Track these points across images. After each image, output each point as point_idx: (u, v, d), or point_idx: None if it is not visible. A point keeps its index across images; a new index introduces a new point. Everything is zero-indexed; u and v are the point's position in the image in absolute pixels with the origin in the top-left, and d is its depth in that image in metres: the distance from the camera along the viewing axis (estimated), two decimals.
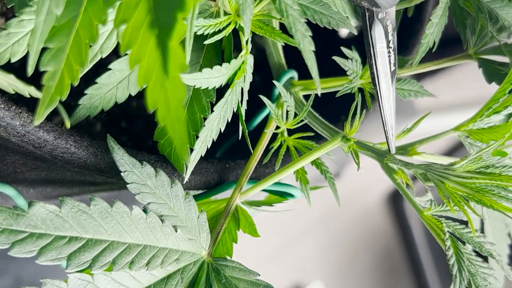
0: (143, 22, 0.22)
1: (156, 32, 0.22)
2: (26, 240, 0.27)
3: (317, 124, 0.38)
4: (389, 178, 0.36)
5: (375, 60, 0.34)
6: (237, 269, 0.33)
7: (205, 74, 0.30)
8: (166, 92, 0.22)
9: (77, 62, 0.25)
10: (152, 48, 0.22)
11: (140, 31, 0.22)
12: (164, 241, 0.31)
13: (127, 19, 0.22)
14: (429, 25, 0.35)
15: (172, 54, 0.22)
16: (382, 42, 0.33)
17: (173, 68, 0.22)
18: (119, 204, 0.30)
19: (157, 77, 0.22)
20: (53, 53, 0.25)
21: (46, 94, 0.25)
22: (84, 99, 0.32)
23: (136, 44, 0.22)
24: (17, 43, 0.28)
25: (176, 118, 0.22)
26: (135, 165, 0.31)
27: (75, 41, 0.25)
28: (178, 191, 0.32)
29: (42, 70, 0.25)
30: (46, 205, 0.27)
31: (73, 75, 0.25)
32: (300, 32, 0.28)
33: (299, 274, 0.95)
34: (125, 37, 0.22)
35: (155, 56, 0.22)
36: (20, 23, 0.28)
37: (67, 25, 0.24)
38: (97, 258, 0.29)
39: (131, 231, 0.30)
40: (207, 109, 0.33)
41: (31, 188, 0.44)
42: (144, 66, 0.22)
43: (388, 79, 0.34)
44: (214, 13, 0.33)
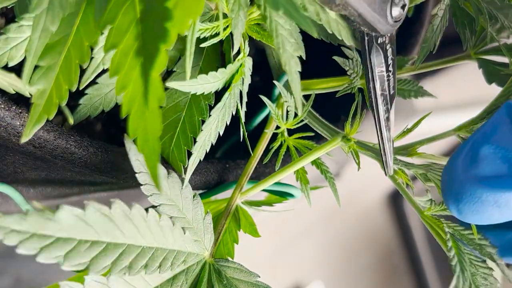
0: (131, 48, 0.22)
1: (141, 60, 0.22)
2: (53, 245, 0.26)
3: (317, 124, 0.38)
4: (389, 178, 0.36)
5: (373, 84, 0.33)
6: (238, 270, 0.33)
7: (200, 80, 0.30)
8: (146, 122, 0.22)
9: (66, 82, 0.25)
10: (137, 76, 0.22)
11: (128, 57, 0.22)
12: (173, 243, 0.31)
13: (116, 44, 0.22)
14: (430, 28, 0.35)
15: (152, 85, 0.22)
16: (382, 66, 0.33)
17: (152, 99, 0.22)
18: (138, 207, 0.29)
19: (139, 106, 0.22)
20: (43, 71, 0.25)
21: (34, 113, 0.25)
22: (84, 99, 0.32)
23: (124, 70, 0.22)
24: (15, 48, 0.28)
25: (153, 149, 0.22)
26: None
27: (65, 60, 0.25)
28: (187, 192, 0.32)
29: (32, 87, 0.25)
30: (72, 209, 0.27)
31: (61, 95, 0.25)
32: (288, 53, 0.28)
33: (299, 274, 0.95)
34: (114, 62, 0.22)
35: (139, 85, 0.22)
36: (19, 29, 0.28)
37: (58, 44, 0.24)
38: (116, 262, 0.28)
39: (145, 234, 0.29)
40: (206, 112, 0.33)
41: (31, 188, 0.44)
42: (128, 94, 0.22)
43: (387, 102, 0.34)
44: (214, 16, 0.33)
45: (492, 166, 0.28)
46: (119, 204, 0.29)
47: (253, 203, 0.38)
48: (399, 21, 0.32)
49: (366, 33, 0.32)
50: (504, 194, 0.28)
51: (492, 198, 0.28)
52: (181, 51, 0.34)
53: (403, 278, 1.09)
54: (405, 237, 1.06)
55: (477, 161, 0.28)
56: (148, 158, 0.23)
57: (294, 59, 0.28)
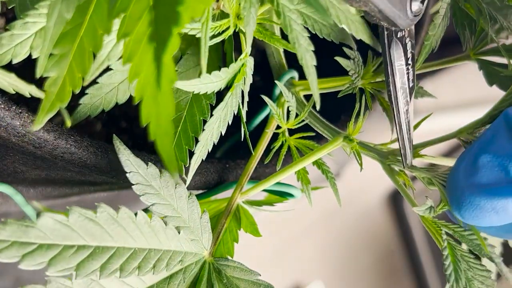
0: (143, 35, 0.22)
1: (154, 46, 0.22)
2: (35, 252, 0.26)
3: (318, 124, 0.38)
4: (390, 179, 0.36)
5: (393, 78, 0.34)
6: (238, 269, 0.33)
7: (203, 80, 0.30)
8: (158, 106, 0.22)
9: (79, 69, 0.25)
10: (149, 62, 0.22)
11: (140, 44, 0.22)
12: (168, 243, 0.31)
13: (129, 32, 0.22)
14: (432, 26, 0.35)
15: (165, 68, 0.22)
16: (401, 60, 0.34)
17: (165, 82, 0.22)
18: (124, 209, 0.29)
19: (151, 92, 0.22)
20: (57, 59, 0.25)
21: (47, 100, 0.25)
22: (85, 99, 0.32)
23: (137, 57, 0.22)
24: (19, 45, 0.28)
25: (165, 133, 0.22)
26: (140, 166, 0.31)
27: (79, 48, 0.25)
28: (182, 192, 0.32)
29: (45, 75, 0.25)
30: (54, 215, 0.27)
31: (75, 82, 0.25)
32: (303, 47, 0.28)
33: (299, 274, 0.95)
34: (127, 50, 0.22)
35: (152, 70, 0.22)
36: (24, 25, 0.28)
37: (71, 32, 0.24)
38: (104, 266, 0.28)
39: (136, 236, 0.30)
40: (207, 112, 0.33)
41: (31, 188, 0.44)
42: (141, 80, 0.22)
43: (407, 95, 0.35)
44: (216, 15, 0.33)
45: (490, 175, 0.29)
46: (104, 208, 0.29)
47: (254, 203, 0.38)
48: (418, 15, 0.32)
49: (386, 27, 0.33)
50: (500, 201, 0.29)
51: (490, 205, 0.29)
52: (183, 50, 0.34)
53: (403, 278, 1.09)
54: (405, 237, 1.06)
55: (476, 170, 0.30)
56: (162, 143, 0.22)
57: (309, 53, 0.28)
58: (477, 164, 0.30)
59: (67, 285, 0.28)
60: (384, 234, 1.06)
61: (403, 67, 0.34)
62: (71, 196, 0.49)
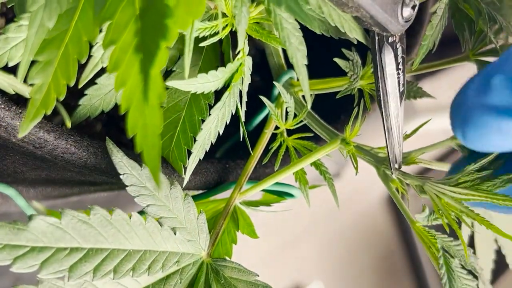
0: (129, 45, 0.22)
1: (140, 57, 0.22)
2: (27, 254, 0.26)
3: (316, 126, 0.38)
4: (384, 185, 0.36)
5: (384, 83, 0.34)
6: (236, 270, 0.32)
7: (200, 79, 0.30)
8: (145, 119, 0.22)
9: (64, 76, 0.25)
10: (136, 73, 0.22)
11: (126, 54, 0.22)
12: (164, 244, 0.31)
13: (115, 40, 0.22)
14: (429, 26, 0.35)
15: (152, 82, 0.22)
16: (392, 65, 0.34)
17: (152, 96, 0.22)
18: (118, 211, 0.29)
19: (138, 103, 0.22)
20: (41, 66, 0.25)
21: (32, 107, 0.25)
22: (84, 100, 0.32)
23: (123, 66, 0.22)
24: (15, 48, 0.28)
25: (152, 145, 0.22)
26: (134, 168, 0.31)
27: (63, 55, 0.24)
28: (177, 192, 0.32)
29: (30, 83, 0.25)
30: (46, 218, 0.27)
31: (59, 90, 0.25)
32: (293, 46, 0.28)
33: (299, 274, 0.95)
34: (113, 58, 0.22)
35: (138, 81, 0.22)
36: (18, 28, 0.28)
37: (56, 39, 0.24)
38: (98, 268, 0.28)
39: (131, 237, 0.30)
40: (206, 111, 0.33)
41: (31, 188, 0.44)
42: (127, 90, 0.22)
43: (397, 99, 0.35)
44: (213, 15, 0.33)
45: (501, 95, 0.29)
46: (98, 210, 0.29)
47: (251, 203, 0.38)
48: (409, 21, 0.32)
49: (377, 33, 0.33)
50: (508, 123, 0.29)
51: (497, 125, 0.29)
52: (181, 51, 0.34)
53: (403, 278, 1.09)
54: (405, 237, 1.06)
55: (487, 90, 0.30)
56: (148, 155, 0.22)
57: (300, 53, 0.28)
58: (489, 84, 0.30)
59: (59, 286, 0.28)
60: (384, 234, 1.06)
61: (394, 72, 0.34)
62: (71, 196, 0.49)
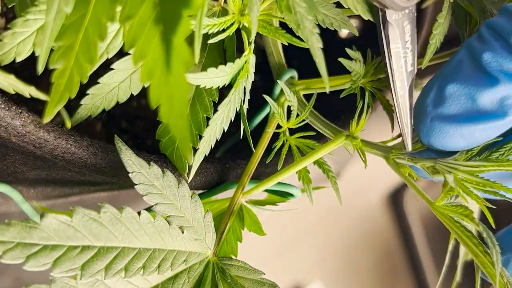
0: (148, 18, 0.22)
1: (161, 29, 0.22)
2: (40, 253, 0.26)
3: (319, 123, 0.38)
4: (396, 173, 0.36)
5: (389, 60, 0.34)
6: (242, 268, 0.32)
7: (210, 74, 0.30)
8: (170, 88, 0.22)
9: (86, 59, 0.25)
10: (156, 44, 0.22)
11: (145, 27, 0.22)
12: (172, 243, 0.31)
13: (132, 15, 0.22)
14: (436, 25, 0.35)
15: (176, 50, 0.21)
16: (397, 43, 0.33)
17: (177, 64, 0.22)
18: (128, 209, 0.29)
19: (161, 74, 0.22)
20: (62, 51, 0.25)
21: (56, 92, 0.25)
22: (86, 99, 0.32)
23: (141, 40, 0.22)
24: (22, 43, 0.28)
25: (179, 114, 0.22)
26: (143, 166, 0.31)
27: (84, 38, 0.24)
28: (185, 191, 0.32)
29: (51, 68, 0.25)
30: (58, 216, 0.27)
31: (82, 72, 0.25)
32: (307, 29, 0.28)
33: (299, 274, 0.95)
34: (130, 33, 0.22)
35: (160, 52, 0.22)
36: (25, 23, 0.28)
37: (76, 23, 0.24)
38: (109, 266, 0.28)
39: (140, 236, 0.29)
40: (210, 109, 0.33)
41: (32, 188, 0.44)
42: (148, 62, 0.22)
43: (404, 79, 0.35)
44: (217, 12, 0.33)
45: (457, 103, 0.31)
46: (108, 208, 0.29)
47: (257, 202, 0.38)
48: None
49: (380, 8, 0.33)
50: (468, 128, 0.31)
51: (458, 133, 0.31)
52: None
53: (403, 278, 1.09)
54: (405, 237, 1.06)
55: (444, 99, 0.32)
56: (175, 125, 0.22)
57: (315, 36, 0.28)
58: (444, 93, 0.32)
59: (71, 285, 0.28)
60: (384, 234, 1.06)
61: (399, 50, 0.34)
62: (71, 196, 0.49)
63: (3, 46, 0.28)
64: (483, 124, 0.31)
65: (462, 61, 0.32)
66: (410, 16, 0.34)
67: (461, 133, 0.31)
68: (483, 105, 0.31)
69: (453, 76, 0.32)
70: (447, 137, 0.32)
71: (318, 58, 0.27)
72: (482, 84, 0.31)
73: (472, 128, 0.31)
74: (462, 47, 0.32)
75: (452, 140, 0.32)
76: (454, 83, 0.31)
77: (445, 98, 0.31)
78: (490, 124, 0.31)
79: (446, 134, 0.32)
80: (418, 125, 0.33)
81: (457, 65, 0.32)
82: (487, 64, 0.31)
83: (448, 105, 0.31)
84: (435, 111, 0.32)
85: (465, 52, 0.32)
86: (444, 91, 0.32)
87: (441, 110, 0.32)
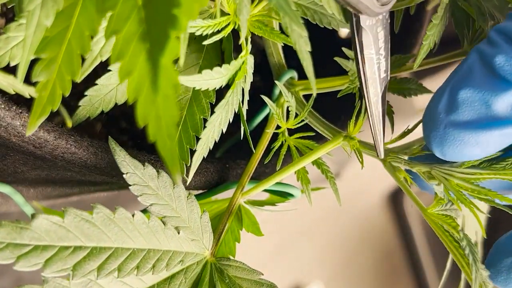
0: (134, 35, 0.22)
1: (147, 47, 0.21)
2: (31, 253, 0.26)
3: (318, 124, 0.38)
4: (392, 176, 0.36)
5: (362, 66, 0.33)
6: (240, 269, 0.32)
7: (204, 76, 0.30)
8: (157, 109, 0.21)
9: (68, 72, 0.25)
10: (142, 62, 0.22)
11: (131, 43, 0.22)
12: (167, 243, 0.31)
13: (118, 31, 0.22)
14: (430, 26, 0.35)
15: (164, 72, 0.21)
16: (370, 49, 0.33)
17: (165, 86, 0.21)
18: (121, 210, 0.29)
19: (147, 93, 0.21)
20: (45, 64, 0.25)
21: (38, 105, 0.25)
22: (84, 101, 0.32)
23: (127, 56, 0.22)
24: (16, 47, 0.28)
25: (168, 135, 0.21)
26: (137, 167, 0.31)
27: (67, 51, 0.24)
28: (180, 192, 0.32)
29: (34, 80, 0.25)
30: (49, 216, 0.27)
31: (64, 85, 0.25)
32: (296, 32, 0.28)
33: (299, 274, 0.95)
34: (116, 48, 0.22)
35: (146, 70, 0.21)
36: (19, 27, 0.28)
37: (59, 36, 0.24)
38: (102, 266, 0.28)
39: (134, 236, 0.29)
40: (207, 110, 0.33)
41: (32, 188, 0.44)
42: (134, 79, 0.22)
43: (377, 85, 0.34)
44: (213, 13, 0.33)
45: (471, 110, 0.30)
46: (100, 208, 0.29)
47: (256, 203, 0.38)
48: (386, 5, 0.31)
49: (354, 14, 0.32)
50: (484, 135, 0.30)
51: (474, 140, 0.30)
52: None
53: (403, 278, 1.09)
54: (405, 237, 1.06)
55: (457, 105, 0.30)
56: (163, 146, 0.21)
57: (303, 39, 0.28)
58: (457, 99, 0.30)
59: (64, 285, 0.28)
60: (384, 234, 1.06)
61: (373, 56, 0.33)
62: (71, 196, 0.49)
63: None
64: (499, 130, 0.30)
65: (473, 66, 0.31)
66: (383, 22, 0.33)
67: (476, 140, 0.30)
68: (499, 111, 0.30)
69: (465, 82, 0.31)
70: (462, 144, 0.30)
71: (306, 61, 0.27)
72: (496, 88, 0.30)
73: (488, 134, 0.30)
74: (472, 52, 0.31)
75: (467, 148, 0.31)
76: (466, 88, 0.30)
77: (458, 104, 0.30)
78: (507, 130, 0.30)
79: (461, 141, 0.30)
80: (429, 133, 0.32)
81: (468, 70, 0.31)
82: (500, 67, 0.30)
83: (461, 111, 0.30)
84: (448, 118, 0.31)
85: (476, 56, 0.31)
86: (457, 97, 0.30)
87: (455, 117, 0.30)
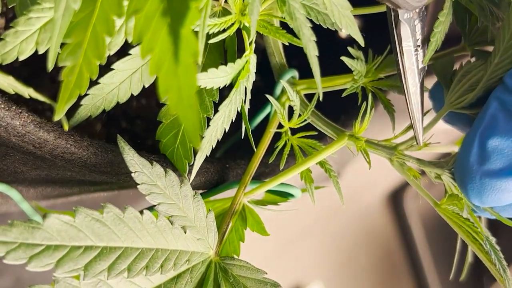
0: (155, 11, 0.22)
1: (168, 21, 0.22)
2: (43, 253, 0.26)
3: (321, 123, 0.38)
4: (401, 174, 0.36)
5: (401, 58, 0.34)
6: (245, 268, 0.32)
7: (210, 74, 0.30)
8: (178, 79, 0.22)
9: (95, 56, 0.25)
10: (164, 37, 0.22)
11: (152, 20, 0.22)
12: (175, 243, 0.31)
13: (139, 9, 0.22)
14: (437, 23, 0.35)
15: (184, 41, 0.21)
16: (409, 41, 0.34)
17: (185, 55, 0.21)
18: (131, 209, 0.29)
19: (169, 66, 0.22)
20: (71, 48, 0.25)
21: (66, 89, 0.25)
22: (86, 100, 0.32)
23: (148, 33, 0.22)
24: (25, 41, 0.28)
25: (189, 105, 0.22)
26: (145, 166, 0.30)
27: (92, 35, 0.25)
28: (187, 191, 0.32)
29: (61, 65, 0.25)
30: (60, 216, 0.27)
31: (91, 69, 0.25)
32: (306, 36, 0.28)
33: (299, 274, 0.95)
34: (137, 27, 0.22)
35: (167, 44, 0.22)
36: (28, 21, 0.28)
37: (84, 20, 0.24)
38: (112, 266, 0.28)
39: (143, 236, 0.29)
40: (210, 109, 0.33)
41: (31, 188, 0.44)
42: (156, 55, 0.22)
43: (415, 75, 0.35)
44: (217, 12, 0.32)
45: (502, 157, 0.31)
46: (110, 208, 0.29)
47: (259, 202, 0.38)
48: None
49: (392, 8, 0.33)
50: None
51: (510, 185, 0.31)
52: None
53: (403, 278, 1.09)
54: (405, 237, 1.06)
55: (488, 155, 0.31)
56: (184, 116, 0.22)
57: (311, 43, 0.28)
58: (487, 149, 0.31)
59: (74, 285, 0.28)
60: (384, 234, 1.06)
61: (411, 48, 0.34)
62: (71, 196, 0.49)
63: (5, 45, 0.28)
64: None
65: (497, 115, 0.32)
66: (420, 14, 0.34)
67: None
68: None
69: (491, 131, 0.31)
70: (500, 192, 0.31)
71: (314, 66, 0.28)
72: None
73: None
74: (491, 100, 0.32)
75: (505, 194, 0.31)
76: (494, 137, 0.31)
77: (489, 153, 0.31)
78: None
79: (498, 189, 0.31)
80: (465, 186, 0.32)
81: (492, 119, 0.32)
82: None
83: (493, 160, 0.31)
84: (481, 168, 0.31)
85: (497, 105, 0.32)
86: (486, 147, 0.31)
87: (488, 166, 0.31)
